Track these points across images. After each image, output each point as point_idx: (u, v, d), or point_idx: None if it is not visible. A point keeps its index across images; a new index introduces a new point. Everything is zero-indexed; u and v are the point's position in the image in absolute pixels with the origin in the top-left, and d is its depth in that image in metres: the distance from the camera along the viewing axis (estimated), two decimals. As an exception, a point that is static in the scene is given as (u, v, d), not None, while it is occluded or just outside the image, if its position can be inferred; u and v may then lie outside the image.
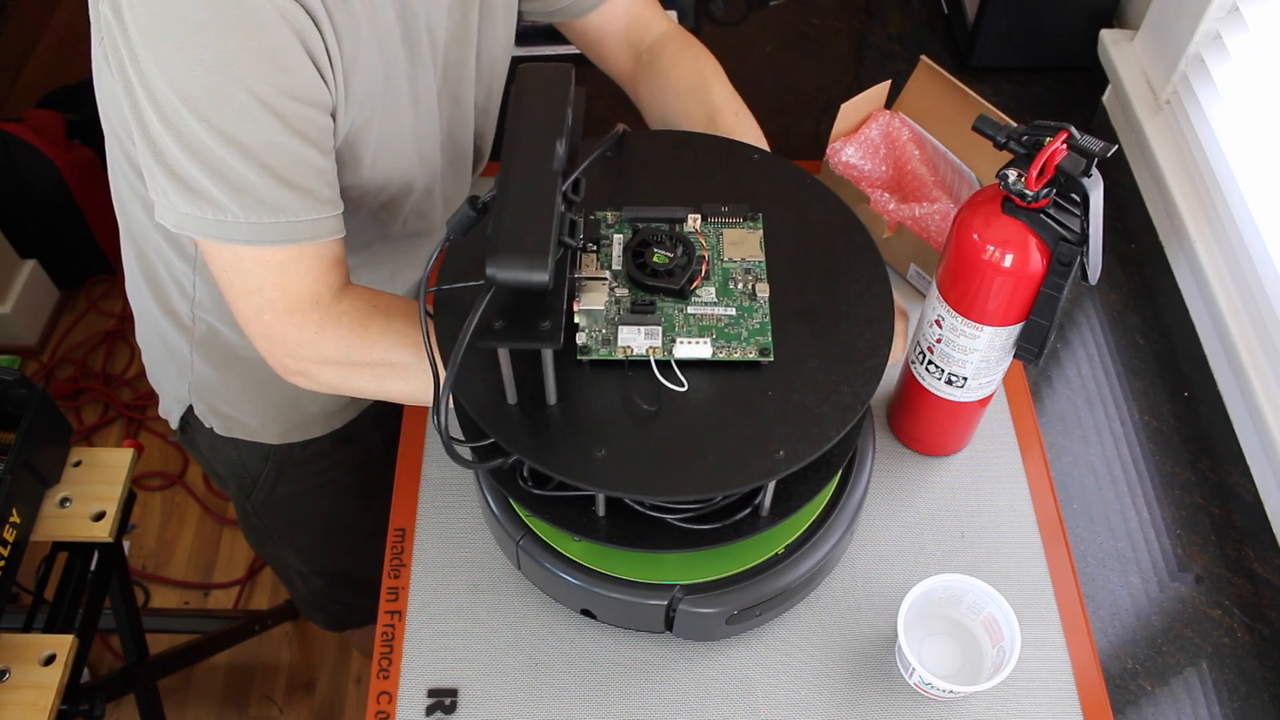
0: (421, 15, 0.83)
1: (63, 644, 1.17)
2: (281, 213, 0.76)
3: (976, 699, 0.87)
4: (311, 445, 1.16)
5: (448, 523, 0.97)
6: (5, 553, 1.16)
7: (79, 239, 2.30)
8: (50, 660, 1.16)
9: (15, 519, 1.17)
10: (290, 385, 0.94)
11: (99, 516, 1.24)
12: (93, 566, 1.32)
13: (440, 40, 0.87)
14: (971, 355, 0.86)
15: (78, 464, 1.27)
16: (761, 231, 0.83)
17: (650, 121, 1.05)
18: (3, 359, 1.26)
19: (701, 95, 0.99)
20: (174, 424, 1.16)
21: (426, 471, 1.00)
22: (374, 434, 1.19)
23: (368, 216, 0.95)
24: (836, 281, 0.81)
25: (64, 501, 1.24)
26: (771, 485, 0.77)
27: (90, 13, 0.74)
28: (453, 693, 0.87)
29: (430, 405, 0.71)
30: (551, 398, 0.74)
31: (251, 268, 0.78)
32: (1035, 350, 0.84)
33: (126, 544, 2.04)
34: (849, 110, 1.12)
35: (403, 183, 0.92)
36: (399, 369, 0.84)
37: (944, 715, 0.86)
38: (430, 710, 0.87)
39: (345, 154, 0.84)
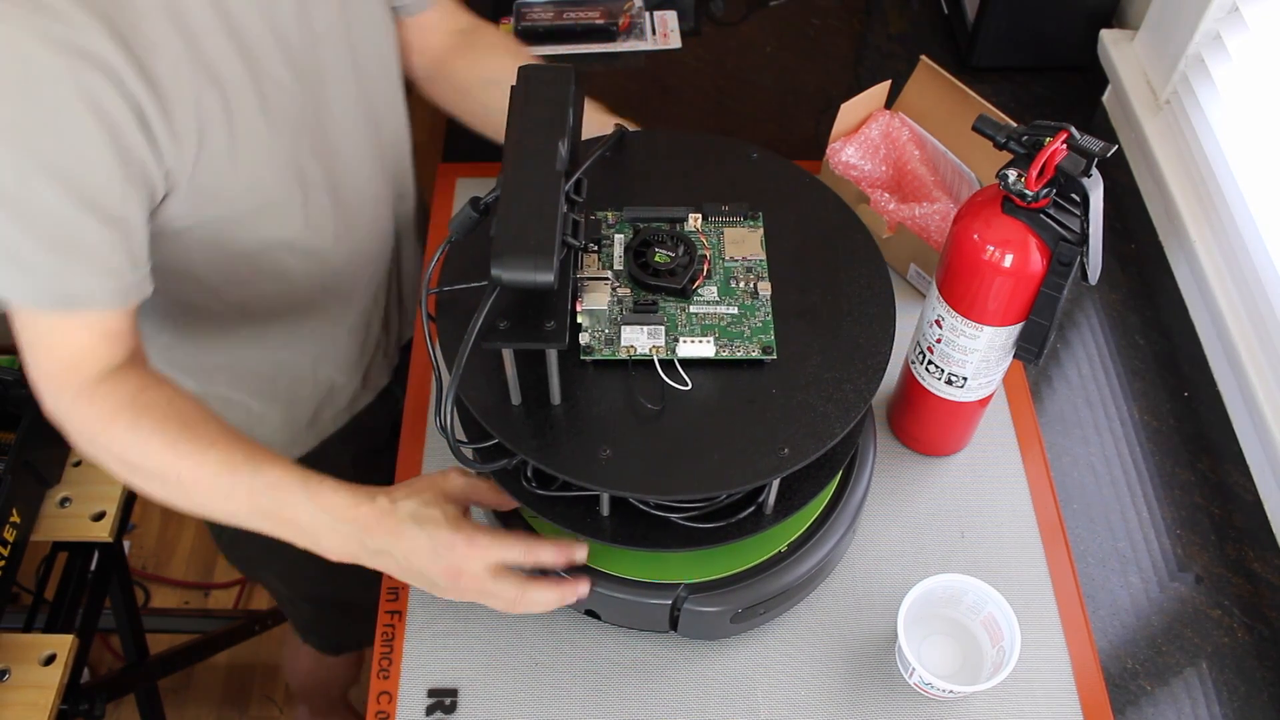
0: (259, 26, 0.80)
1: (63, 644, 1.17)
2: (36, 275, 0.74)
3: (976, 699, 0.87)
4: None
5: (448, 522, 0.97)
6: (5, 553, 1.16)
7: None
8: (50, 660, 1.16)
9: (15, 519, 1.17)
10: (238, 415, 0.94)
11: (99, 516, 1.24)
12: (93, 566, 1.32)
13: (295, 42, 0.84)
14: (971, 355, 0.86)
15: (78, 464, 1.28)
16: (762, 230, 0.83)
17: (459, 96, 1.07)
18: (2, 359, 1.26)
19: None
20: None
21: (427, 471, 1.00)
22: (342, 456, 1.15)
23: (246, 265, 0.91)
24: (837, 279, 0.81)
25: (64, 501, 1.24)
26: (776, 483, 0.77)
27: None
28: (453, 693, 0.87)
29: (441, 407, 0.71)
30: (556, 398, 0.74)
31: (22, 326, 0.78)
32: (1035, 350, 0.84)
33: (126, 544, 2.04)
34: (849, 110, 1.12)
35: (274, 206, 0.88)
36: (143, 474, 0.81)
37: (944, 715, 0.86)
38: (430, 710, 0.87)
39: (192, 189, 0.81)
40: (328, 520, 0.78)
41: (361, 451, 1.16)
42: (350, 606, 1.32)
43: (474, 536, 0.77)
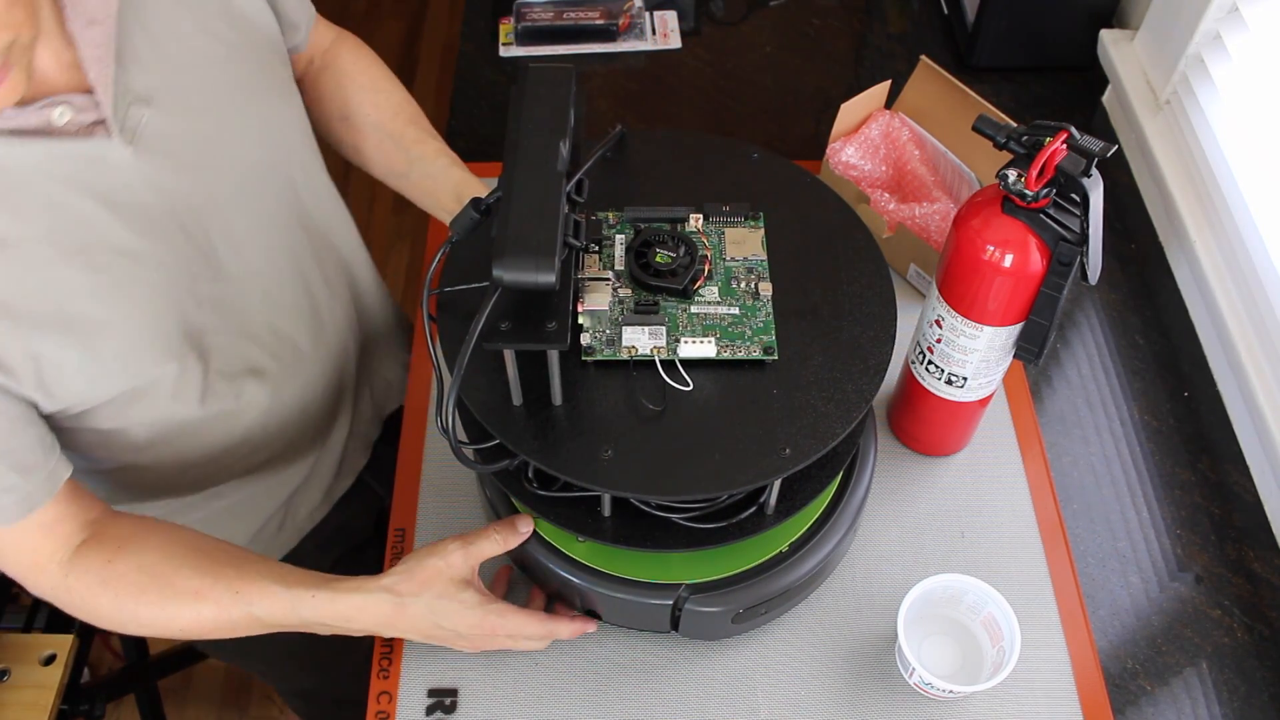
0: (105, 184, 0.74)
1: (63, 644, 1.17)
2: None
3: (976, 699, 0.87)
4: None
5: (448, 523, 0.97)
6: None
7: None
8: (50, 660, 1.16)
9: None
10: (219, 525, 0.93)
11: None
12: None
13: (146, 187, 0.77)
14: (971, 355, 0.86)
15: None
16: (763, 230, 0.83)
17: (328, 112, 1.03)
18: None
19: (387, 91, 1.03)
20: None
21: (426, 472, 1.00)
22: (322, 561, 1.10)
23: (153, 437, 0.87)
24: (838, 279, 0.81)
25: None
26: (777, 483, 0.77)
27: None
28: (453, 693, 0.87)
29: (442, 407, 0.71)
30: (557, 399, 0.74)
31: None
32: (1035, 350, 0.84)
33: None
34: (849, 110, 1.12)
35: (154, 386, 0.82)
36: (149, 631, 0.82)
37: (944, 715, 0.87)
38: (430, 710, 0.87)
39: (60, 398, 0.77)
40: (329, 624, 0.81)
41: (338, 559, 1.12)
42: (340, 702, 1.28)
43: (494, 625, 0.81)
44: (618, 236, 0.82)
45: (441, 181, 1.00)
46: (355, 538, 1.15)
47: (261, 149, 0.86)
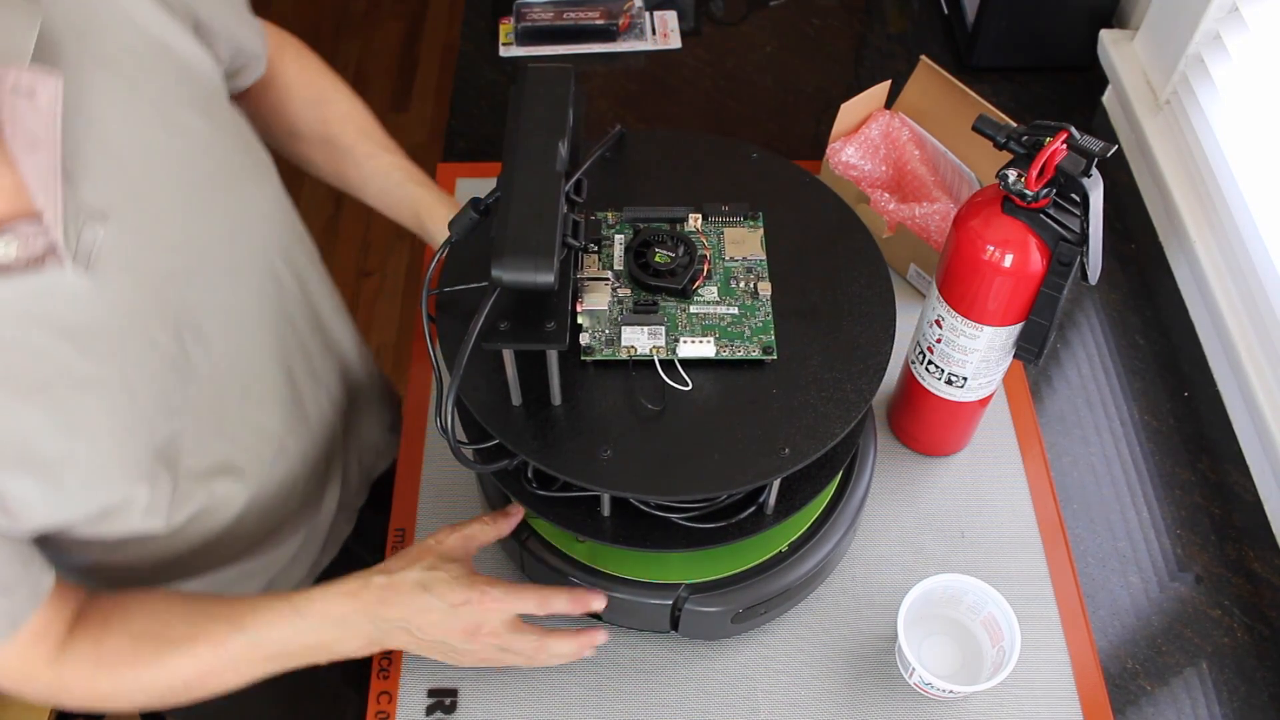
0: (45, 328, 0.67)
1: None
2: None
3: (976, 699, 0.87)
4: None
5: (447, 523, 0.96)
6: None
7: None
8: (50, 660, 1.16)
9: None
10: None
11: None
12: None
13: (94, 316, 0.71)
14: (971, 355, 0.86)
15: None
16: (762, 230, 0.83)
17: (275, 127, 0.98)
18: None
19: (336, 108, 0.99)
20: None
21: (426, 472, 1.00)
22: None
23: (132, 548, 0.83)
24: (837, 279, 0.81)
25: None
26: (776, 483, 0.77)
27: None
28: (453, 693, 0.87)
29: (441, 407, 0.70)
30: (556, 399, 0.74)
31: None
32: (1035, 350, 0.84)
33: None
34: (849, 110, 1.12)
35: (124, 506, 0.77)
36: (157, 702, 0.79)
37: (944, 715, 0.87)
38: (430, 710, 0.87)
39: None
40: (334, 625, 0.78)
41: None
42: None
43: (486, 591, 0.78)
44: (617, 236, 0.82)
45: (398, 198, 0.97)
46: None
47: (236, 244, 0.79)
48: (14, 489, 0.68)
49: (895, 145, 1.15)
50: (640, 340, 0.76)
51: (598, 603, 0.82)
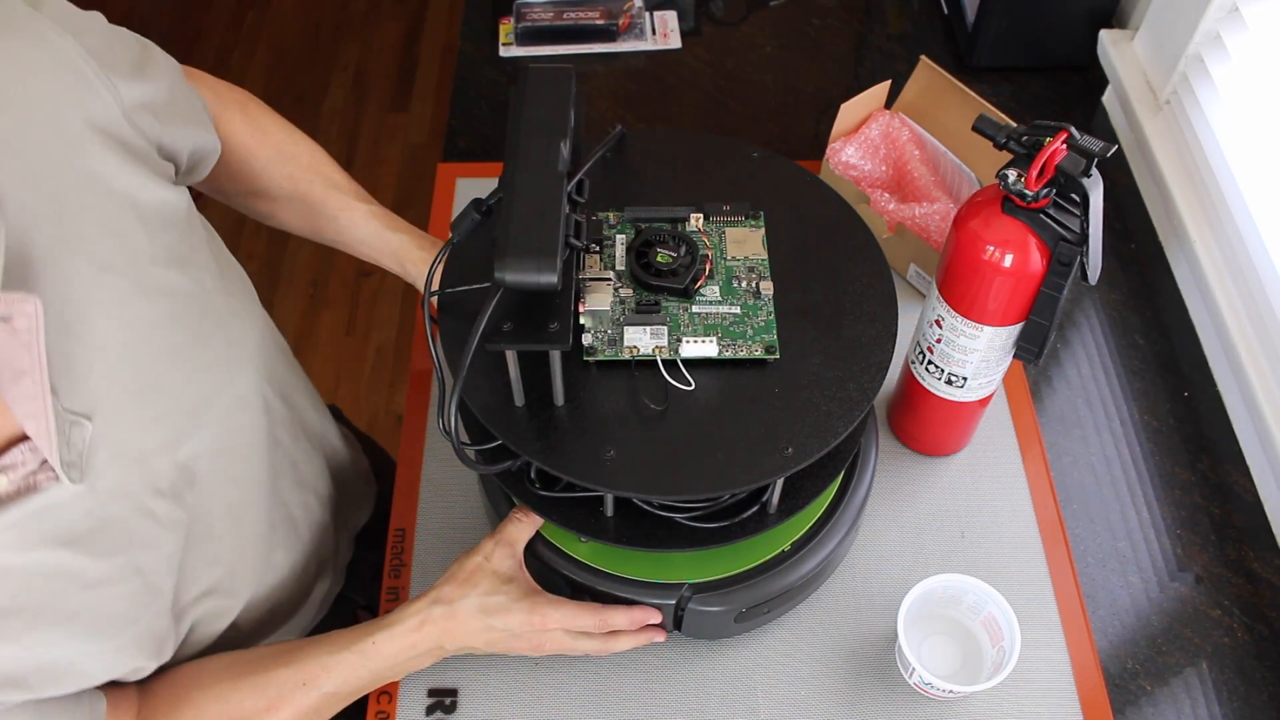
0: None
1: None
2: None
3: (976, 699, 0.87)
4: None
5: (448, 523, 0.97)
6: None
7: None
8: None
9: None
10: None
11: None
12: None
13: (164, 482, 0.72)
14: (971, 355, 0.86)
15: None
16: (764, 230, 0.83)
17: (236, 189, 0.94)
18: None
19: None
20: None
21: (426, 472, 1.00)
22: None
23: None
24: (839, 278, 0.81)
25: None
26: (779, 482, 0.77)
27: None
28: (453, 693, 0.87)
29: (444, 409, 0.70)
30: (559, 399, 0.74)
31: None
32: (1035, 350, 0.84)
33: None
34: (849, 110, 1.12)
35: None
36: None
37: (944, 715, 0.87)
38: (430, 710, 0.87)
39: None
40: (403, 661, 0.81)
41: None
42: None
43: (547, 613, 0.80)
44: (618, 236, 0.82)
45: (377, 247, 0.96)
46: None
47: (226, 390, 0.77)
48: (40, 688, 0.67)
49: (895, 145, 1.15)
50: (643, 340, 0.76)
51: (654, 618, 0.84)
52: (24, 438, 0.61)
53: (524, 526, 0.83)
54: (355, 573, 1.06)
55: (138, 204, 0.69)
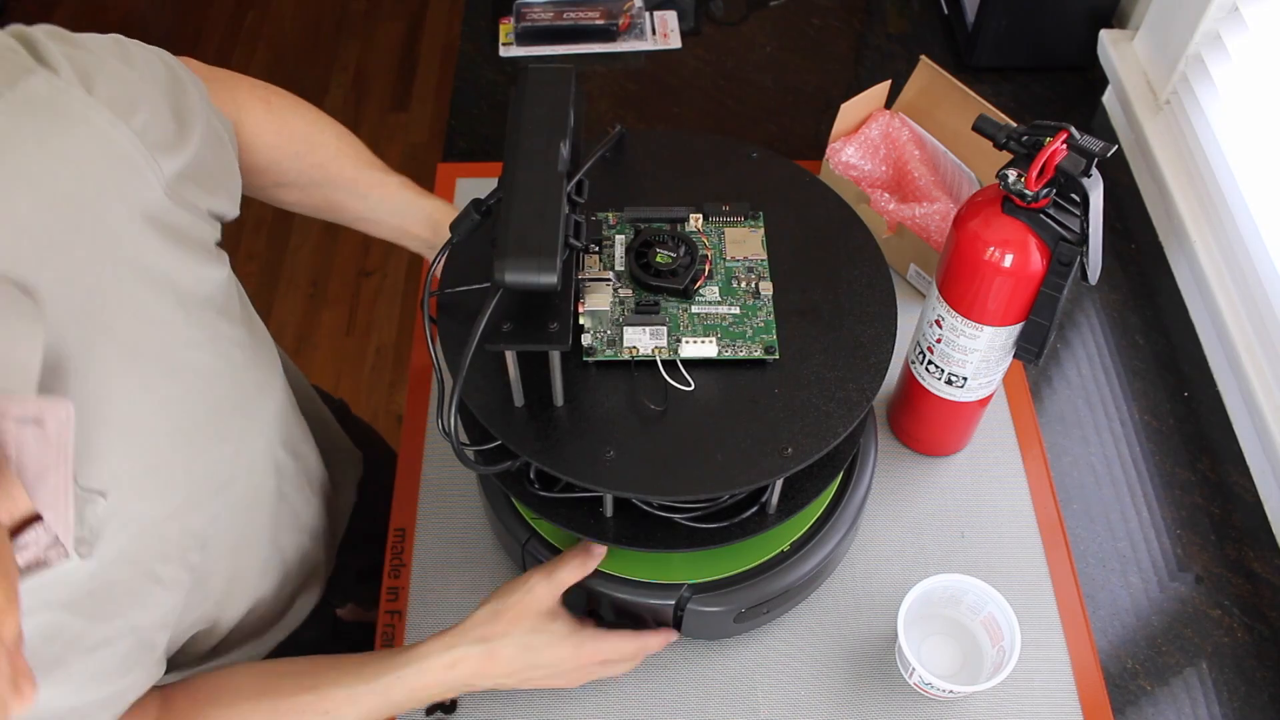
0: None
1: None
2: None
3: (976, 699, 0.87)
4: None
5: (448, 523, 0.97)
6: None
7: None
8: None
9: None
10: None
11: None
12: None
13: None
14: (971, 355, 0.86)
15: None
16: (763, 230, 0.83)
17: (261, 183, 0.92)
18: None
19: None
20: None
21: (426, 472, 1.00)
22: (325, 640, 1.05)
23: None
24: (838, 279, 0.81)
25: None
26: (779, 483, 0.77)
27: None
28: (454, 692, 0.87)
29: (444, 409, 0.70)
30: (559, 399, 0.74)
31: None
32: (1035, 350, 0.84)
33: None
34: (849, 110, 1.12)
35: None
36: None
37: (944, 715, 0.87)
38: (430, 710, 0.87)
39: None
40: (428, 695, 0.80)
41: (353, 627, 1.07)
42: None
43: (593, 649, 0.81)
44: (618, 237, 0.82)
45: (411, 214, 0.95)
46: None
47: (238, 463, 0.77)
48: None
49: (895, 145, 1.15)
50: (642, 341, 0.76)
51: (675, 636, 0.86)
52: (38, 518, 0.60)
53: (574, 571, 0.80)
54: (334, 581, 1.06)
55: (178, 288, 0.68)
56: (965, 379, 0.89)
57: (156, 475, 0.69)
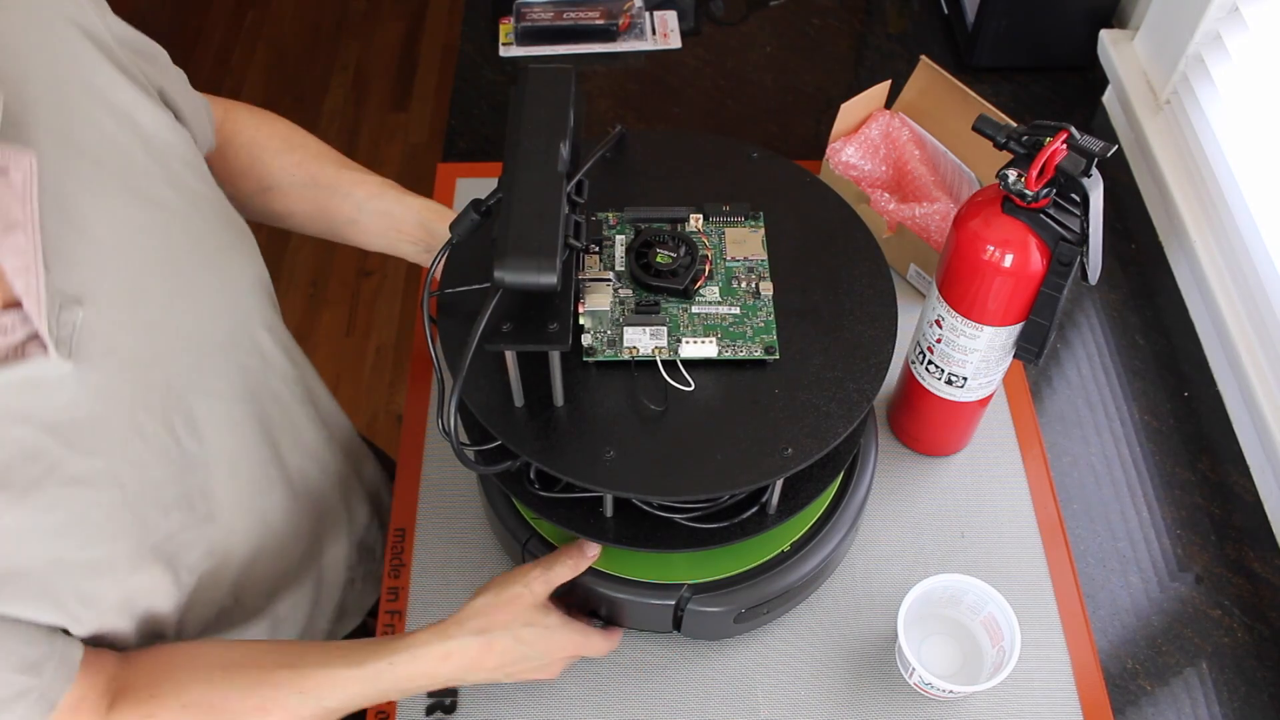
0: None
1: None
2: None
3: (976, 699, 0.87)
4: None
5: (448, 523, 0.97)
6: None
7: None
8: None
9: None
10: None
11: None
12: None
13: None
14: (971, 355, 0.86)
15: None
16: (763, 230, 0.83)
17: (244, 189, 0.95)
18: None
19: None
20: None
21: (426, 472, 1.00)
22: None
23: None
24: (839, 279, 0.81)
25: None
26: (779, 483, 0.77)
27: None
28: (453, 693, 0.87)
29: (444, 409, 0.70)
30: (558, 400, 0.74)
31: None
32: (1035, 350, 0.84)
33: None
34: (849, 110, 1.12)
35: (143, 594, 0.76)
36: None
37: (944, 715, 0.87)
38: (430, 710, 0.87)
39: None
40: (415, 685, 0.79)
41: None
42: None
43: (577, 643, 0.82)
44: (618, 237, 0.82)
45: (399, 214, 0.95)
46: None
47: (219, 320, 0.77)
48: (5, 606, 0.66)
49: (895, 145, 1.15)
50: (642, 341, 0.76)
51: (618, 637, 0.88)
52: (16, 305, 0.62)
53: (569, 569, 0.80)
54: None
55: (137, 125, 0.70)
56: (965, 379, 0.89)
57: (133, 305, 0.69)
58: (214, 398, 0.77)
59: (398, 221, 0.95)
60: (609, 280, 0.79)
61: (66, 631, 0.72)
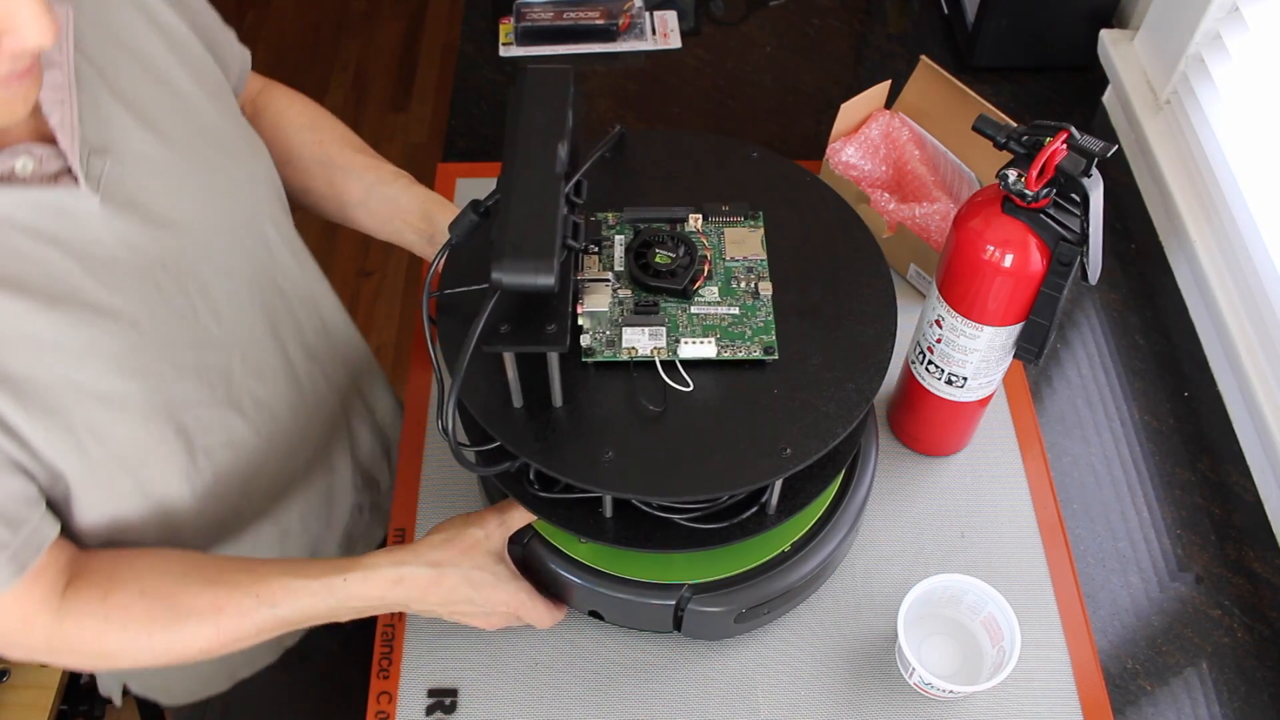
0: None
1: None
2: None
3: (976, 699, 0.87)
4: (262, 675, 1.06)
5: (449, 523, 0.97)
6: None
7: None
8: (50, 661, 1.16)
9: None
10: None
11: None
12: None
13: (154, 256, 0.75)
14: (971, 355, 0.86)
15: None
16: (763, 230, 0.83)
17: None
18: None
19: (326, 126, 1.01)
20: (117, 700, 1.04)
21: (426, 472, 1.00)
22: (330, 643, 1.06)
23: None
24: (838, 279, 0.81)
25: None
26: (778, 483, 0.77)
27: None
28: (453, 693, 0.87)
29: (442, 410, 0.70)
30: (557, 400, 0.74)
31: None
32: (1035, 350, 0.84)
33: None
34: (849, 110, 1.12)
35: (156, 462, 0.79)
36: (166, 660, 0.78)
37: (944, 715, 0.87)
38: (430, 710, 0.87)
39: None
40: (366, 605, 0.81)
41: (346, 638, 1.05)
42: None
43: (516, 594, 0.83)
44: (617, 237, 0.82)
45: (405, 202, 0.97)
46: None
47: (231, 204, 0.81)
48: (17, 419, 0.69)
49: (895, 145, 1.15)
50: (641, 341, 0.76)
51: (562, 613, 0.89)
52: (51, 142, 0.68)
53: (524, 516, 0.83)
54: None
55: (162, 26, 0.77)
56: (965, 379, 0.89)
57: (150, 170, 0.74)
58: (224, 275, 0.81)
59: (403, 209, 0.97)
60: (608, 281, 0.79)
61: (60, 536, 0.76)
